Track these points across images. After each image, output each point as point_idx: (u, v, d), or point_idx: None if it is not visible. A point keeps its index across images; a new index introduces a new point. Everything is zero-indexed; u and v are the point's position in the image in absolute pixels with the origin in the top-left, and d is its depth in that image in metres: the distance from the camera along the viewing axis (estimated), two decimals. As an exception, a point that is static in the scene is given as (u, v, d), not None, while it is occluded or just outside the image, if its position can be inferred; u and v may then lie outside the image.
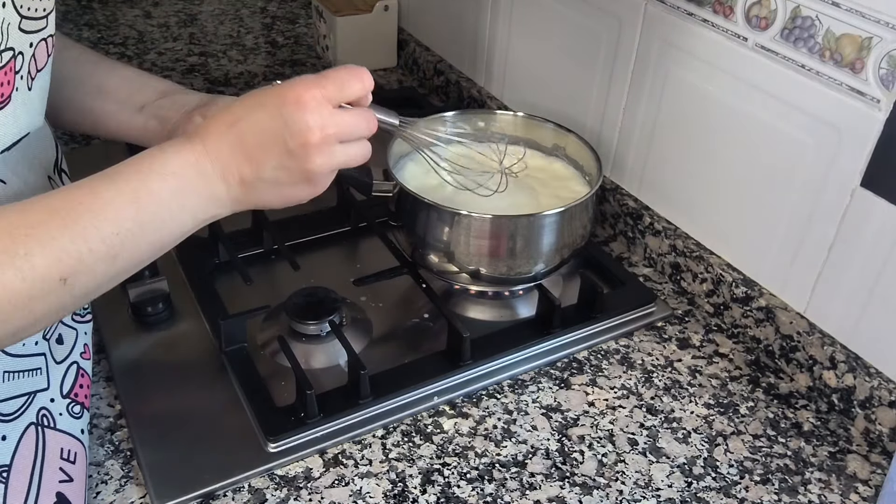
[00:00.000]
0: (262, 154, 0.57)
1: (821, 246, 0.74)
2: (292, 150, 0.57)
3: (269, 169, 0.57)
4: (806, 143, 0.73)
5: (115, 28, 1.45)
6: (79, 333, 0.66)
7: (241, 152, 0.56)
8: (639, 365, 0.80)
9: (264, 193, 0.58)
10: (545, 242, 0.77)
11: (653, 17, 0.86)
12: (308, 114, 0.56)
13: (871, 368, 0.72)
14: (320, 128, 0.57)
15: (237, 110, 0.58)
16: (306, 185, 0.59)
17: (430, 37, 1.32)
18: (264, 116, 0.57)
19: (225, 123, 0.57)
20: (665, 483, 0.68)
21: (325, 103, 0.57)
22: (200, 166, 0.56)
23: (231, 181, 0.57)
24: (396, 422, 0.72)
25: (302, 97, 0.56)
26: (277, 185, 0.58)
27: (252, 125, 0.57)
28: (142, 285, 0.80)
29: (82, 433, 0.63)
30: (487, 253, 0.76)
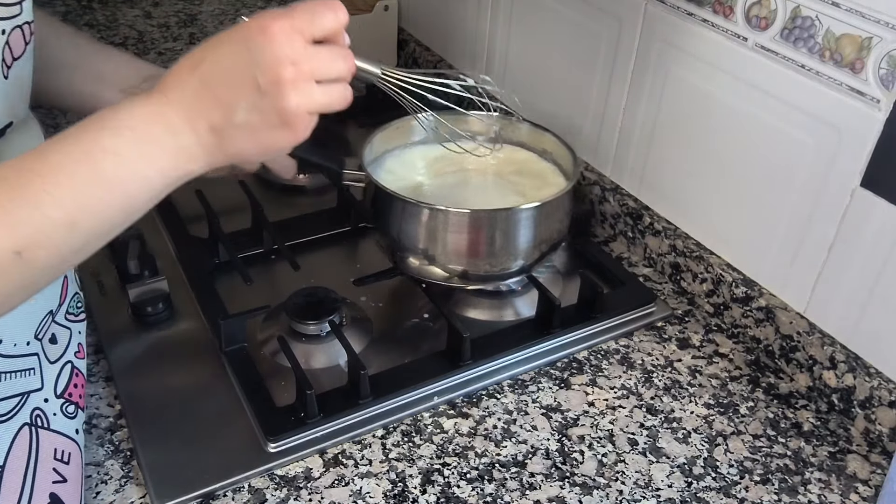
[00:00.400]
0: (231, 95, 0.51)
1: (821, 246, 0.74)
2: (263, 87, 0.51)
3: (241, 112, 0.52)
4: (806, 143, 0.73)
5: (115, 28, 1.45)
6: (73, 333, 0.65)
7: (207, 96, 0.51)
8: (639, 365, 0.80)
9: (239, 141, 0.53)
10: (523, 238, 0.76)
11: (653, 17, 0.86)
12: (277, 45, 0.51)
13: (871, 368, 0.72)
14: (292, 61, 0.51)
15: (199, 52, 0.53)
16: (284, 128, 0.53)
17: (430, 37, 1.32)
18: (229, 52, 0.52)
19: (186, 68, 0.52)
20: (665, 483, 0.68)
21: (295, 35, 0.52)
22: (163, 117, 0.51)
23: (200, 129, 0.52)
24: (396, 422, 0.72)
25: (269, 28, 0.51)
26: (252, 130, 0.53)
27: (216, 65, 0.52)
28: (142, 285, 0.80)
29: (77, 433, 0.63)
30: (466, 249, 0.75)
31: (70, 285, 0.65)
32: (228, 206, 0.92)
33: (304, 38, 0.52)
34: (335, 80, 0.55)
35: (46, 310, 0.60)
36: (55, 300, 0.61)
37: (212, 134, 0.52)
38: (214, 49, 0.52)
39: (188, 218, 0.92)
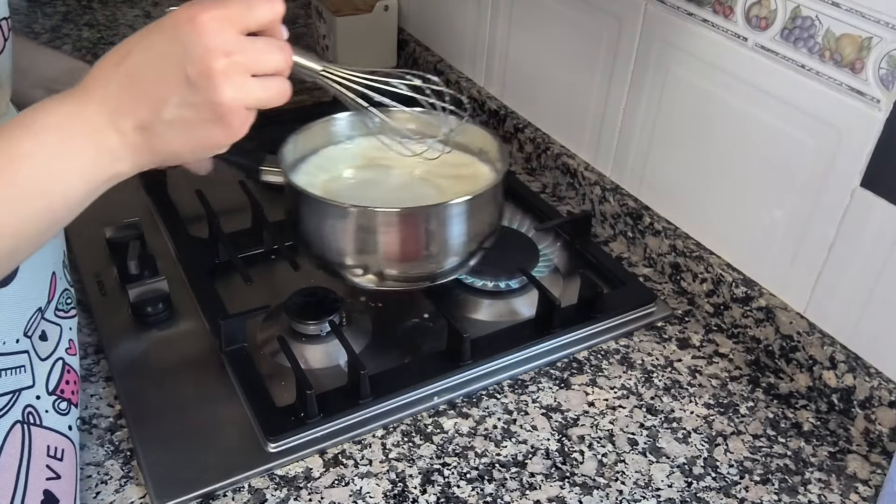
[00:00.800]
0: (160, 89, 0.48)
1: (821, 246, 0.74)
2: (194, 79, 0.48)
3: (171, 107, 0.48)
4: (806, 143, 0.73)
5: (115, 28, 1.45)
6: (63, 329, 0.64)
7: (133, 91, 0.48)
8: (639, 365, 0.80)
9: (170, 139, 0.49)
10: (454, 234, 0.73)
11: (653, 17, 0.86)
12: (208, 36, 0.47)
13: (871, 368, 0.72)
14: (225, 52, 0.48)
15: (126, 44, 0.49)
16: (218, 124, 0.50)
17: (430, 37, 1.32)
18: (156, 45, 0.48)
19: (111, 62, 0.48)
20: (665, 483, 0.68)
21: (227, 25, 0.48)
22: (83, 117, 0.47)
23: (125, 128, 0.48)
24: (396, 422, 0.72)
25: (198, 17, 0.47)
26: (183, 126, 0.49)
27: (143, 57, 0.48)
28: (142, 285, 0.80)
29: (70, 429, 0.62)
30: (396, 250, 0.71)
31: (59, 282, 0.64)
32: (228, 206, 0.92)
33: (237, 28, 0.49)
34: (272, 73, 0.51)
35: (35, 307, 0.59)
36: (43, 297, 0.61)
37: (139, 132, 0.49)
38: (141, 41, 0.49)
39: (188, 218, 0.92)
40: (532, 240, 0.91)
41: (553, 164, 1.06)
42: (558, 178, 1.05)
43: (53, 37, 1.40)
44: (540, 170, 1.09)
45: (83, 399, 0.72)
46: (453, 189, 0.78)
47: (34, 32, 1.41)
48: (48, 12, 1.50)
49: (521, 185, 1.04)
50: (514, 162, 1.13)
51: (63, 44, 1.38)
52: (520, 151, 1.12)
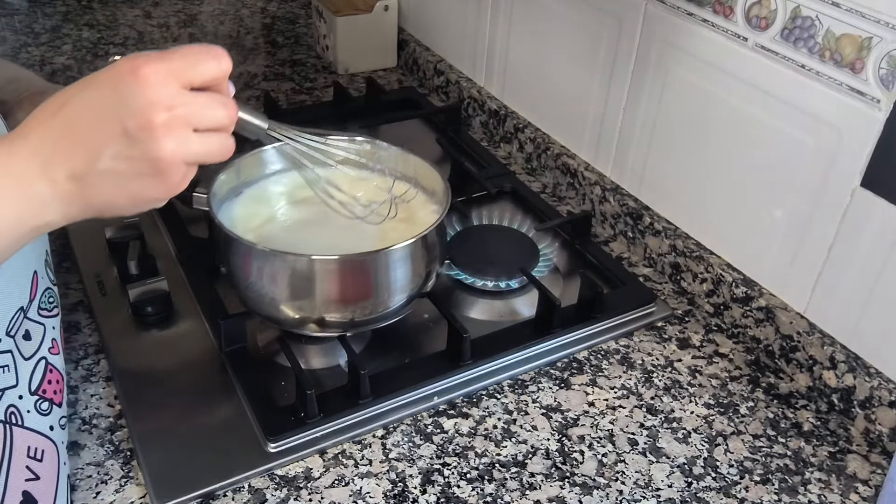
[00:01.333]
0: (95, 139, 0.47)
1: (821, 246, 0.74)
2: (132, 132, 0.47)
3: (106, 158, 0.47)
4: (806, 143, 0.73)
5: (115, 28, 1.45)
6: (46, 328, 0.63)
7: (68, 140, 0.47)
8: (639, 365, 0.80)
9: (104, 190, 0.48)
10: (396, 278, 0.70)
11: (653, 17, 0.86)
12: (149, 89, 0.47)
13: (871, 368, 0.72)
14: (166, 106, 0.47)
15: (66, 93, 0.49)
16: (156, 178, 0.49)
17: (430, 37, 1.32)
18: (96, 94, 0.48)
19: (49, 111, 0.48)
20: (665, 483, 0.68)
21: (170, 79, 0.48)
22: (11, 164, 0.47)
23: (58, 176, 0.47)
24: (396, 422, 0.72)
25: (140, 69, 0.47)
26: (119, 178, 0.48)
27: (81, 106, 0.48)
28: (142, 285, 0.80)
29: (51, 430, 0.61)
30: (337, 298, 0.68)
31: (41, 280, 0.63)
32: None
33: (180, 83, 0.49)
34: (215, 129, 0.51)
35: (17, 306, 0.59)
36: (25, 296, 0.60)
37: (72, 181, 0.48)
38: (81, 91, 0.48)
39: (188, 218, 0.92)
40: (532, 240, 0.91)
41: (553, 164, 1.06)
42: (558, 178, 1.05)
43: (53, 37, 1.40)
44: (540, 170, 1.09)
45: (83, 399, 0.72)
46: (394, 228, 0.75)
47: (34, 32, 1.41)
48: (48, 12, 1.50)
49: (521, 185, 1.04)
50: (514, 162, 1.13)
51: (63, 44, 1.38)
52: (520, 151, 1.12)
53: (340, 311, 0.69)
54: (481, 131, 1.20)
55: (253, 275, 0.69)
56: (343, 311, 0.69)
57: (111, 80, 0.48)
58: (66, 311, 0.82)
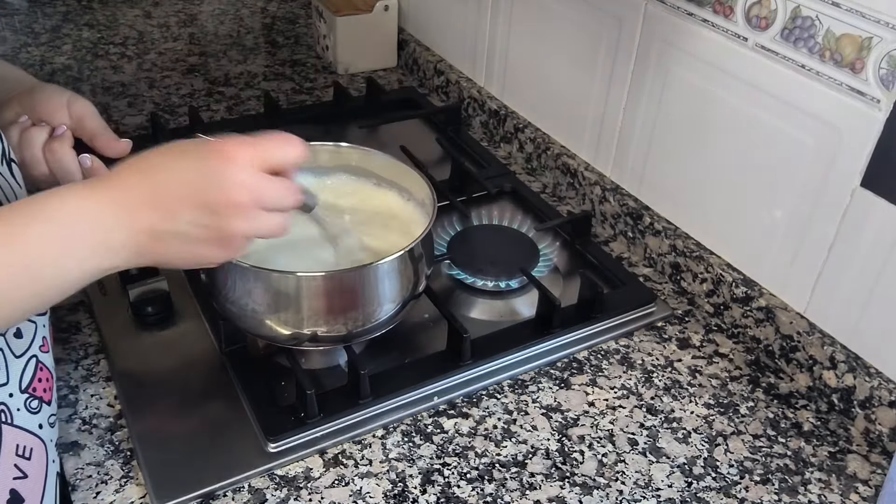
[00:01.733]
0: (179, 205, 0.53)
1: (821, 246, 0.74)
2: (214, 206, 0.53)
3: (184, 223, 0.53)
4: (806, 143, 0.73)
5: (115, 28, 1.45)
6: (38, 326, 0.63)
7: (153, 201, 0.53)
8: (639, 365, 0.80)
9: (173, 248, 0.54)
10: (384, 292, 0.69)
11: (653, 17, 0.86)
12: (238, 171, 0.53)
13: (871, 368, 0.72)
14: (249, 189, 0.54)
15: (154, 158, 0.54)
16: (220, 246, 0.55)
17: (430, 37, 1.32)
18: (187, 167, 0.54)
19: (139, 171, 0.54)
20: (665, 483, 0.68)
21: (254, 163, 0.55)
22: (96, 214, 0.51)
23: (137, 229, 0.52)
24: (396, 422, 0.72)
25: (232, 153, 0.54)
26: (188, 240, 0.54)
27: (171, 175, 0.53)
28: (142, 285, 0.80)
29: (40, 428, 0.61)
30: (324, 312, 0.68)
31: None
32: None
33: (261, 167, 0.55)
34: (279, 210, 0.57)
35: None
36: None
37: (148, 236, 0.53)
38: (173, 160, 0.54)
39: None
40: (532, 240, 0.91)
41: (553, 164, 1.06)
42: (558, 178, 1.05)
43: (53, 37, 1.40)
44: (540, 170, 1.09)
45: (83, 399, 0.72)
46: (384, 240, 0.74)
47: (34, 32, 1.41)
48: (48, 12, 1.50)
49: (522, 185, 1.04)
50: (514, 162, 1.13)
51: (63, 44, 1.38)
52: (520, 151, 1.12)
53: (331, 325, 0.68)
54: (481, 131, 1.20)
55: (237, 292, 0.68)
56: (335, 326, 0.68)
57: (203, 158, 0.54)
58: (66, 311, 0.82)
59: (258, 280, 0.66)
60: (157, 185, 0.53)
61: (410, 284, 0.71)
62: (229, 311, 0.70)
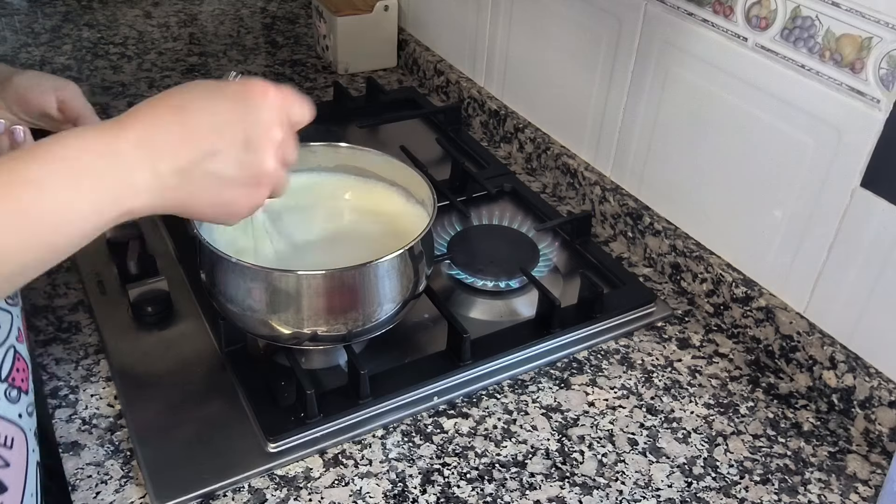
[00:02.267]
0: (215, 140, 0.50)
1: (821, 246, 0.74)
2: (253, 141, 0.51)
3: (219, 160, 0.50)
4: (806, 143, 0.73)
5: (115, 28, 1.45)
6: (13, 317, 0.62)
7: (185, 136, 0.49)
8: (639, 365, 0.80)
9: (201, 190, 0.51)
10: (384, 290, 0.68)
11: (653, 17, 0.86)
12: (275, 110, 0.53)
13: (871, 368, 0.72)
14: (283, 130, 0.53)
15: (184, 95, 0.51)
16: (250, 188, 0.53)
17: (430, 37, 1.32)
18: (223, 103, 0.51)
19: (168, 108, 0.50)
20: (665, 483, 0.68)
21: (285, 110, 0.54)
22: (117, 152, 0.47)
23: (164, 168, 0.49)
24: (396, 422, 0.72)
25: (269, 91, 0.53)
26: (219, 182, 0.51)
27: (206, 109, 0.51)
28: (142, 285, 0.80)
29: (20, 417, 0.61)
30: (324, 311, 0.67)
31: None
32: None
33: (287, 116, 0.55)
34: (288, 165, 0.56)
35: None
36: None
37: (176, 176, 0.49)
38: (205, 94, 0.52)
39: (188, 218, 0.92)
40: (532, 240, 0.91)
41: (553, 164, 1.06)
42: (558, 178, 1.05)
43: (53, 37, 1.40)
44: (540, 170, 1.09)
45: (83, 399, 0.72)
46: (381, 238, 0.74)
47: (34, 32, 1.41)
48: (48, 12, 1.50)
49: (521, 185, 1.04)
50: (514, 162, 1.13)
51: (63, 44, 1.38)
52: (520, 151, 1.12)
53: (331, 325, 0.68)
54: (481, 131, 1.20)
55: (237, 291, 0.67)
56: (335, 325, 0.68)
57: (240, 94, 0.52)
58: (66, 311, 0.82)
59: (258, 279, 0.66)
60: (192, 121, 0.50)
61: (411, 284, 0.71)
62: (229, 310, 0.70)
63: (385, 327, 0.72)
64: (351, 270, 0.66)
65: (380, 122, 1.17)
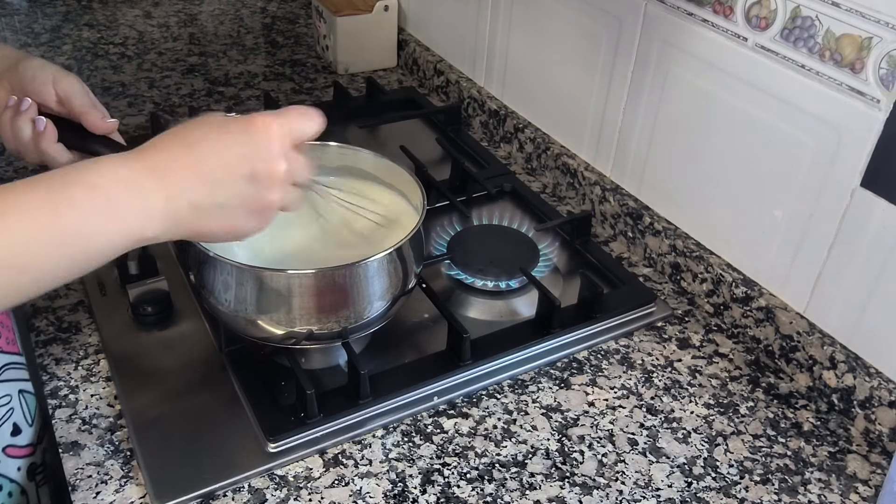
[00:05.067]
0: (225, 176, 0.54)
1: (821, 246, 0.74)
2: (259, 175, 0.55)
3: (228, 194, 0.55)
4: (806, 143, 0.73)
5: (115, 28, 1.45)
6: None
7: (199, 173, 0.54)
8: (639, 365, 0.80)
9: (214, 220, 0.55)
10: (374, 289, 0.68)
11: (653, 17, 0.86)
12: (278, 142, 0.56)
13: (871, 368, 0.72)
14: (287, 160, 0.56)
15: (194, 132, 0.55)
16: (257, 217, 0.57)
17: (430, 37, 1.32)
18: (232, 140, 0.55)
19: (182, 144, 0.55)
20: (665, 483, 0.68)
21: (289, 137, 0.57)
22: (138, 181, 0.52)
23: (180, 200, 0.53)
24: (396, 422, 0.72)
25: (271, 126, 0.56)
26: (229, 212, 0.56)
27: (215, 147, 0.55)
28: (142, 285, 0.80)
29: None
30: (315, 310, 0.67)
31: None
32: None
33: (292, 142, 0.57)
34: (299, 185, 0.60)
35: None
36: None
37: (191, 208, 0.54)
38: (216, 134, 0.55)
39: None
40: (532, 240, 0.91)
41: (553, 164, 1.06)
42: (558, 178, 1.05)
43: (53, 37, 1.40)
44: (540, 170, 1.09)
45: (83, 399, 0.72)
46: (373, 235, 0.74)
47: (34, 32, 1.41)
48: (48, 12, 1.50)
49: (521, 185, 1.04)
50: (514, 162, 1.13)
51: (63, 44, 1.38)
52: (520, 151, 1.12)
53: (324, 323, 0.68)
54: (481, 131, 1.20)
55: (226, 292, 0.67)
56: (327, 324, 0.68)
57: (243, 131, 0.55)
58: (66, 311, 0.82)
59: (246, 279, 0.66)
60: (202, 158, 0.54)
61: (400, 282, 0.71)
62: (221, 312, 0.70)
63: (379, 323, 0.72)
64: (341, 269, 0.66)
65: (380, 122, 1.17)
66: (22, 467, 0.73)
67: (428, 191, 0.97)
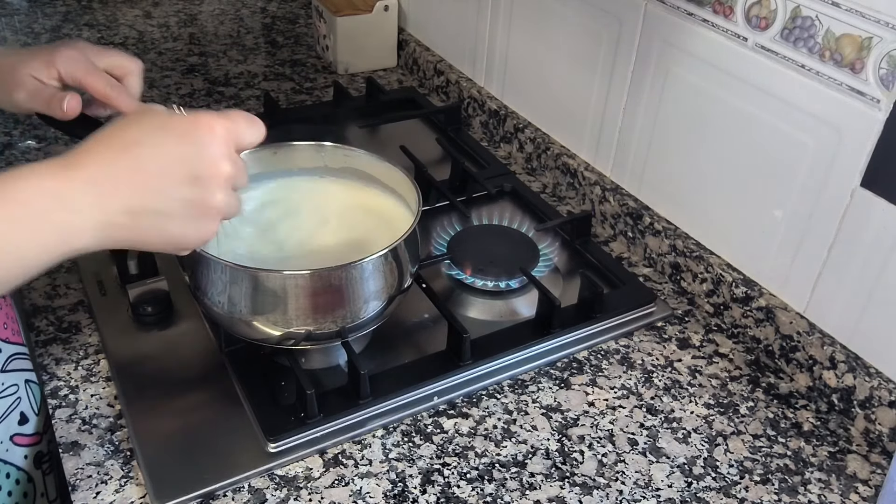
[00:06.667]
0: (164, 179, 0.51)
1: (821, 246, 0.74)
2: (201, 178, 0.52)
3: (168, 198, 0.52)
4: (806, 143, 0.73)
5: (115, 28, 1.45)
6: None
7: (136, 178, 0.51)
8: (639, 365, 0.80)
9: (150, 227, 0.52)
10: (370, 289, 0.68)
11: (653, 17, 0.86)
12: (222, 144, 0.53)
13: (871, 368, 0.72)
14: (231, 162, 0.53)
15: (131, 133, 0.52)
16: (198, 221, 0.54)
17: (430, 37, 1.32)
18: (170, 141, 0.52)
19: (117, 147, 0.52)
20: (665, 483, 0.68)
21: (233, 139, 0.54)
22: (65, 195, 0.49)
23: (113, 208, 0.50)
24: (396, 422, 0.72)
25: (216, 126, 0.53)
26: (168, 218, 0.52)
27: (156, 150, 0.52)
28: (142, 285, 0.80)
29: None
30: (311, 311, 0.67)
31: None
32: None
33: (235, 145, 0.55)
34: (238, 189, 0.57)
35: None
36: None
37: (125, 215, 0.51)
38: (154, 134, 0.52)
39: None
40: (532, 240, 0.91)
41: (553, 164, 1.06)
42: (558, 178, 1.05)
43: (53, 37, 1.40)
44: (540, 170, 1.09)
45: (83, 399, 0.72)
46: (370, 235, 0.74)
47: (34, 32, 1.41)
48: (48, 12, 1.50)
49: (521, 185, 1.04)
50: (514, 162, 1.13)
51: (63, 44, 1.38)
52: (520, 151, 1.12)
53: (320, 323, 0.68)
54: (481, 131, 1.20)
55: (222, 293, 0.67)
56: (323, 324, 0.68)
57: (188, 130, 0.53)
58: (66, 311, 0.82)
59: (241, 280, 0.66)
60: (140, 160, 0.51)
61: (395, 282, 0.71)
62: (216, 314, 0.70)
63: (376, 322, 0.72)
64: (336, 270, 0.66)
65: (380, 122, 1.17)
66: (29, 455, 0.73)
67: (428, 191, 0.98)
